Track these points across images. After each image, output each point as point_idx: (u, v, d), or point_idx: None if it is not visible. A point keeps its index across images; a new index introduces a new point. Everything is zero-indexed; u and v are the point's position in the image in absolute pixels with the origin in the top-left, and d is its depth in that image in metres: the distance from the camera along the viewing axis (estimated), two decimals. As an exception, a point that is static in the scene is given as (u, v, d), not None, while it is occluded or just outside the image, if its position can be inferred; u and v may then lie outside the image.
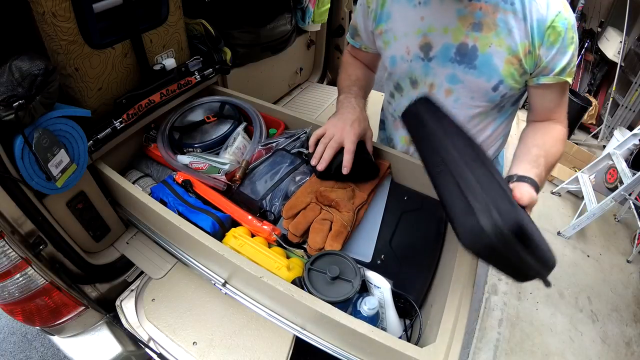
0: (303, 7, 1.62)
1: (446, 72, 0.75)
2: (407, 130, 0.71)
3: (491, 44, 0.69)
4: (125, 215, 0.94)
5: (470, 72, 0.72)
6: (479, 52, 0.70)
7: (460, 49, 0.71)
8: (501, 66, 0.70)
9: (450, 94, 0.77)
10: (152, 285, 0.92)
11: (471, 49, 0.71)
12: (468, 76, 0.73)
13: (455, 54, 0.72)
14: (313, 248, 0.71)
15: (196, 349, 0.81)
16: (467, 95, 0.76)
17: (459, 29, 0.70)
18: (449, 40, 0.72)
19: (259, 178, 0.89)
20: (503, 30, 0.68)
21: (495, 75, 0.71)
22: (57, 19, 0.70)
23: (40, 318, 0.80)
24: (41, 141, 0.64)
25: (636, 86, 2.80)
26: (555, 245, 2.21)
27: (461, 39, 0.71)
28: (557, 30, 0.66)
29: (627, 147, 2.31)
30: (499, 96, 0.75)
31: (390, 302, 0.68)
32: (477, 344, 1.65)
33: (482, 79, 0.72)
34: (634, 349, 1.74)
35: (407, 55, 0.78)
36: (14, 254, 0.68)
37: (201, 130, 1.06)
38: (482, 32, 0.69)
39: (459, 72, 0.74)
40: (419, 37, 0.74)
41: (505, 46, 0.68)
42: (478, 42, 0.70)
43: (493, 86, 0.73)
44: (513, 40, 0.68)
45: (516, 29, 0.67)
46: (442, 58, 0.74)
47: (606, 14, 3.43)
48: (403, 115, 0.69)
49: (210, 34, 1.15)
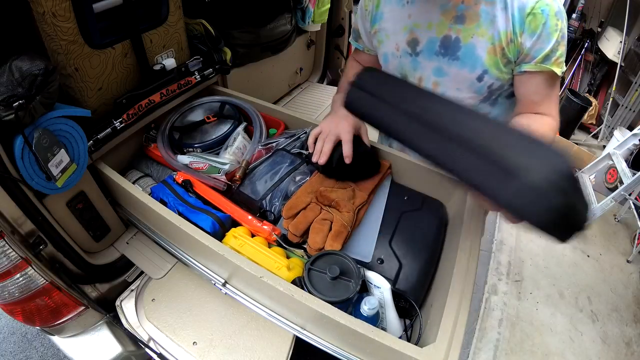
0: (303, 7, 1.62)
1: (432, 65, 0.77)
2: (355, 113, 0.71)
3: (473, 35, 0.70)
4: (125, 215, 0.94)
5: (454, 64, 0.74)
6: (462, 43, 0.72)
7: (444, 41, 0.73)
8: (484, 56, 0.71)
9: (438, 87, 0.79)
10: (152, 285, 0.92)
11: (454, 40, 0.72)
12: (452, 68, 0.75)
13: (439, 47, 0.74)
14: (313, 248, 0.71)
15: (196, 349, 0.81)
16: (453, 86, 0.77)
17: (443, 23, 0.73)
18: (434, 35, 0.74)
19: (258, 178, 0.89)
20: (485, 20, 0.69)
21: (479, 65, 0.72)
22: (57, 19, 0.70)
23: (40, 318, 0.80)
24: (41, 141, 0.64)
25: (636, 86, 2.80)
26: (555, 246, 2.21)
27: (444, 32, 0.73)
28: (538, 17, 0.65)
29: (627, 147, 2.31)
30: (484, 87, 0.76)
31: (390, 302, 0.68)
32: (477, 344, 1.65)
33: (465, 69, 0.74)
34: (634, 349, 1.74)
35: (396, 51, 0.81)
36: (14, 254, 0.68)
37: (201, 130, 1.06)
38: (465, 24, 0.71)
39: (443, 65, 0.76)
40: (406, 33, 0.78)
41: (488, 36, 0.70)
42: (461, 33, 0.71)
43: (477, 76, 0.74)
44: (495, 29, 0.69)
45: (498, 18, 0.68)
46: (428, 52, 0.76)
47: (606, 14, 3.43)
48: (347, 97, 0.70)
49: (210, 34, 1.15)
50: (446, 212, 0.88)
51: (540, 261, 2.10)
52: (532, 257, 2.12)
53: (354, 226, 0.76)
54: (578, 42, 3.48)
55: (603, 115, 3.23)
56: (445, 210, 0.88)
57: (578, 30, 3.37)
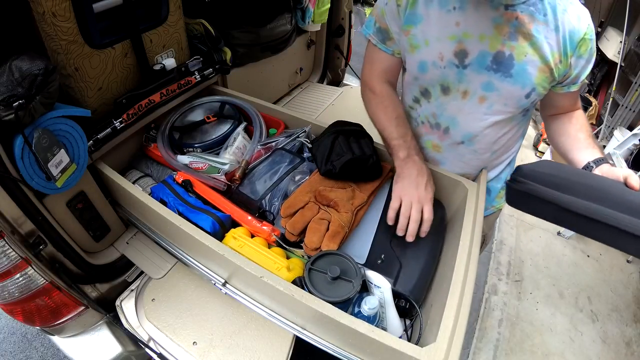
0: (303, 7, 1.62)
1: (482, 79, 0.74)
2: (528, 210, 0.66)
3: (527, 54, 0.70)
4: (125, 215, 0.94)
5: (507, 81, 0.73)
6: (515, 61, 0.71)
7: (497, 57, 0.72)
8: (535, 75, 0.71)
9: (484, 101, 0.77)
10: (152, 285, 0.92)
11: (508, 57, 0.71)
12: (504, 84, 0.74)
13: (491, 62, 0.72)
14: (310, 248, 0.70)
15: (196, 349, 0.80)
16: (501, 102, 0.76)
17: (496, 37, 0.70)
18: (486, 48, 0.72)
19: (258, 178, 0.89)
20: (537, 40, 0.69)
21: (529, 83, 0.73)
22: (57, 19, 0.70)
23: (40, 318, 0.80)
24: (41, 141, 0.64)
25: (636, 86, 2.80)
26: (555, 245, 2.21)
27: (498, 47, 0.71)
28: (587, 42, 0.70)
29: (627, 147, 2.31)
30: (529, 102, 0.77)
31: (390, 301, 0.68)
32: (477, 344, 1.65)
33: (517, 87, 0.73)
34: (634, 349, 1.74)
35: (440, 61, 0.75)
36: (14, 254, 0.68)
37: (201, 130, 1.06)
38: (518, 42, 0.70)
39: (494, 80, 0.74)
40: (454, 43, 0.73)
41: (539, 56, 0.70)
42: (514, 51, 0.71)
43: (526, 94, 0.74)
44: (546, 50, 0.70)
45: (549, 40, 0.69)
46: (478, 65, 0.73)
47: (606, 14, 3.43)
48: (513, 195, 0.65)
49: (210, 34, 1.15)
50: (446, 212, 0.88)
51: (540, 261, 2.10)
52: (532, 257, 2.12)
53: (352, 227, 0.76)
54: (578, 42, 3.48)
55: (603, 115, 3.23)
56: (444, 210, 0.88)
57: (578, 31, 3.37)
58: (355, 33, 2.16)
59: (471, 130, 0.81)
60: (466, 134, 0.82)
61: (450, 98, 0.79)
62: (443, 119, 0.83)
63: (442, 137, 0.85)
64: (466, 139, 0.83)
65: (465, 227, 0.72)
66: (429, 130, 0.87)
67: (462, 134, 0.82)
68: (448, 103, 0.80)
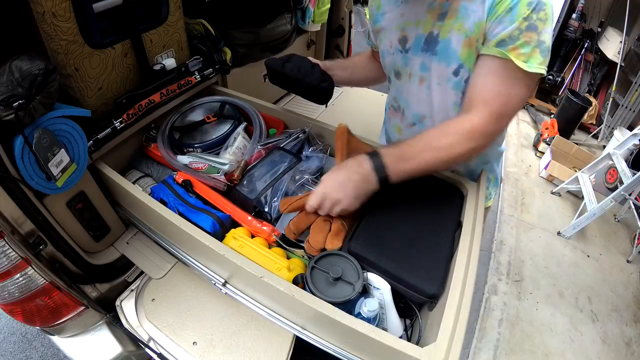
0: (303, 7, 1.62)
1: (419, 61, 0.79)
2: None
3: (451, 29, 0.71)
4: (125, 215, 0.94)
5: (434, 59, 0.75)
6: (440, 39, 0.73)
7: (428, 38, 0.75)
8: (459, 50, 0.72)
9: (423, 82, 0.80)
10: (152, 285, 0.92)
11: (435, 36, 0.74)
12: (433, 63, 0.76)
13: (424, 43, 0.76)
14: (314, 248, 0.70)
15: (196, 349, 0.80)
16: (435, 81, 0.78)
17: (428, 21, 0.75)
18: (420, 32, 0.76)
19: (257, 178, 0.89)
20: (463, 14, 0.70)
21: (454, 59, 0.73)
22: (57, 19, 0.70)
23: (40, 318, 0.80)
24: (41, 141, 0.64)
25: (636, 86, 2.80)
26: (555, 245, 2.22)
27: (429, 29, 0.75)
28: (506, 2, 0.63)
29: (627, 147, 2.31)
30: (461, 81, 0.75)
31: (390, 303, 0.68)
32: (477, 344, 1.65)
33: (442, 64, 0.75)
34: (634, 349, 1.74)
35: (390, 48, 0.83)
36: (14, 254, 0.68)
37: (201, 130, 1.06)
38: (445, 20, 0.72)
39: (426, 60, 0.77)
40: (398, 31, 0.80)
41: (463, 30, 0.70)
42: (441, 29, 0.73)
43: (453, 70, 0.74)
44: (470, 22, 0.69)
45: (474, 12, 0.68)
46: (415, 48, 0.78)
47: (606, 14, 3.43)
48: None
49: (210, 34, 1.15)
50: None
51: (540, 261, 2.10)
52: (532, 257, 2.12)
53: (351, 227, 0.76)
54: (578, 42, 3.48)
55: (603, 115, 3.23)
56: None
57: (578, 30, 3.37)
58: (355, 33, 2.16)
59: (419, 111, 0.85)
60: (415, 115, 0.86)
61: (402, 82, 0.85)
62: (401, 102, 0.89)
63: (402, 119, 0.91)
64: (417, 120, 0.86)
65: (465, 227, 0.72)
66: (393, 114, 0.94)
67: (412, 115, 0.86)
68: (402, 86, 0.86)
